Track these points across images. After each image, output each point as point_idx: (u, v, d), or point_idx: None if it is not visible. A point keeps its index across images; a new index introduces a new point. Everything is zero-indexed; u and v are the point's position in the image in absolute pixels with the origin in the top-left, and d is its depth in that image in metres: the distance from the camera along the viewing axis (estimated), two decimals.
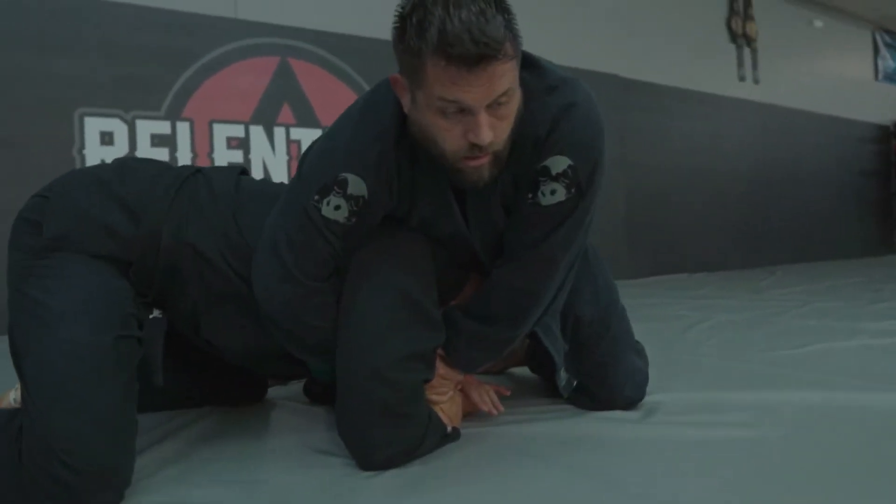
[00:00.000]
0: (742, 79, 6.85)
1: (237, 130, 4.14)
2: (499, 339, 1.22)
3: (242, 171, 1.30)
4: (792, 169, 7.43)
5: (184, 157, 3.93)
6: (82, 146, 3.61)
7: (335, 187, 1.05)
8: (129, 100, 3.75)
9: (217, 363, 1.40)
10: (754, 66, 6.95)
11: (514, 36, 0.93)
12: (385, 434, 1.09)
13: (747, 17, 6.88)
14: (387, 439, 1.09)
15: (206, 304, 1.19)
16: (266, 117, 4.23)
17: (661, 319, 2.91)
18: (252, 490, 1.05)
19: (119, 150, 3.72)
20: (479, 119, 0.94)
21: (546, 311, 1.23)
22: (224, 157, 4.07)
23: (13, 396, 1.33)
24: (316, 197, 1.06)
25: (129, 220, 1.13)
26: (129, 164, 1.22)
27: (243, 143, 4.15)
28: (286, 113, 4.30)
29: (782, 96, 7.23)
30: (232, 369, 1.45)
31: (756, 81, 6.97)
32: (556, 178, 1.05)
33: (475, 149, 0.97)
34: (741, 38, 6.82)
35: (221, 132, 4.08)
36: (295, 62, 4.31)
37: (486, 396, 1.34)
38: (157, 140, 3.85)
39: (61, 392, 0.98)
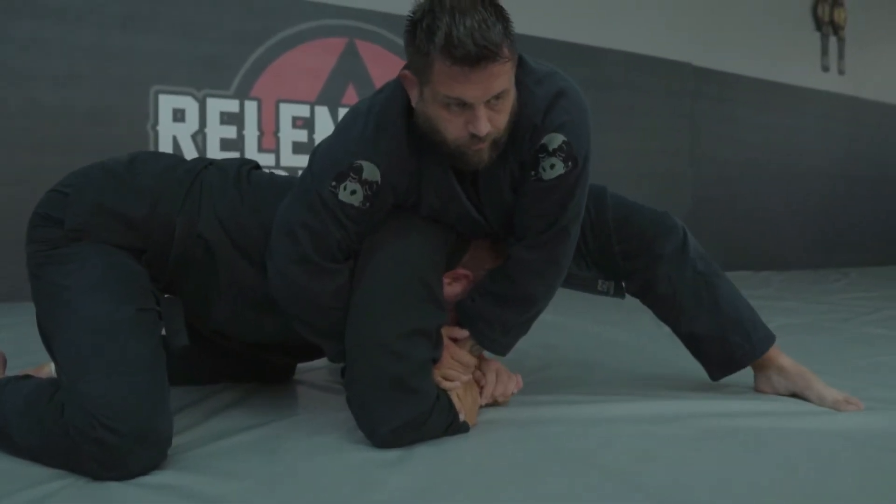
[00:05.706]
0: (826, 69, 6.50)
1: (303, 110, 4.24)
2: (537, 313, 1.34)
3: (255, 165, 1.36)
4: (877, 167, 7.02)
5: (251, 135, 4.07)
6: (156, 122, 3.79)
7: (351, 173, 1.14)
8: (202, 78, 3.90)
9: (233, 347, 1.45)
10: (840, 55, 6.58)
11: (511, 41, 1.06)
12: (391, 408, 1.13)
13: (836, 3, 6.50)
14: (393, 413, 1.13)
15: (216, 293, 1.25)
16: (331, 98, 4.31)
17: None
18: (275, 476, 1.10)
19: (190, 127, 3.89)
20: (478, 113, 1.06)
21: None
22: (290, 136, 4.19)
23: (53, 367, 1.38)
24: (333, 183, 1.14)
25: (143, 209, 1.19)
26: (141, 158, 1.28)
27: (308, 123, 4.25)
28: (351, 94, 4.36)
29: (870, 89, 6.82)
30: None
31: (841, 72, 6.60)
32: (553, 154, 1.17)
33: (475, 138, 1.09)
34: (827, 26, 6.46)
35: (288, 111, 4.19)
36: (361, 44, 4.37)
37: (500, 387, 1.35)
38: (225, 118, 3.99)
39: (91, 362, 1.04)
